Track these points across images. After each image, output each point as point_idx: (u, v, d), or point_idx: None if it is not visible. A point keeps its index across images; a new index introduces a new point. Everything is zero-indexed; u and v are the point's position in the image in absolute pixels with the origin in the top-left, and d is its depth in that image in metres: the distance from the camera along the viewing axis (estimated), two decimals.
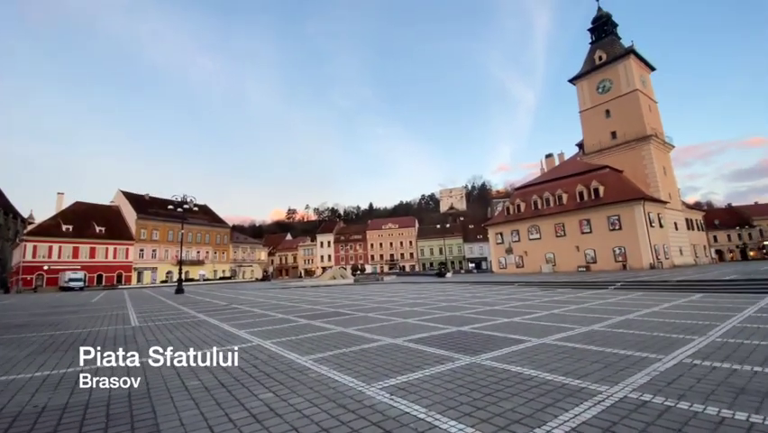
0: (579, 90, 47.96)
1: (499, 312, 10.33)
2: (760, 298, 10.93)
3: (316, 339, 7.11)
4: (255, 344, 6.81)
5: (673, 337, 6.04)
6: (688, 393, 3.46)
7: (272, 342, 6.88)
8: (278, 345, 6.62)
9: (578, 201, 40.24)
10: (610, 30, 47.81)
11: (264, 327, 8.89)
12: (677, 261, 38.15)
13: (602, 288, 17.30)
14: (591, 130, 46.08)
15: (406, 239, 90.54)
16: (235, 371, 4.99)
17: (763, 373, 3.95)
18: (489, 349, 5.65)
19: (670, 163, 44.76)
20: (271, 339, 7.18)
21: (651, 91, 45.75)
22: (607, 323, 7.78)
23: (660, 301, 11.32)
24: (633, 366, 4.47)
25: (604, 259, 36.83)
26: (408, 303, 14.03)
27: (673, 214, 41.14)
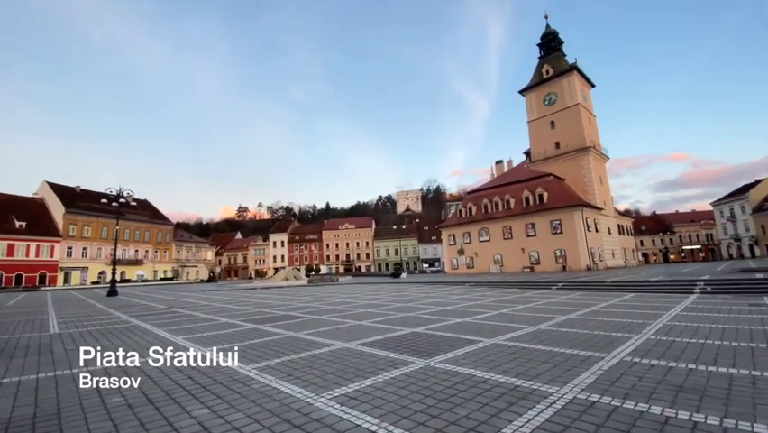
0: (527, 101, 50.77)
1: (452, 312, 10.44)
2: (684, 297, 12.07)
3: (263, 345, 6.65)
4: (193, 352, 6.21)
5: (613, 336, 6.38)
6: (632, 392, 3.57)
7: (213, 349, 6.32)
8: (219, 352, 6.09)
9: (524, 206, 42.46)
10: (557, 46, 51.18)
11: (205, 333, 8.20)
12: (610, 263, 41.56)
13: (546, 288, 18.24)
14: (538, 139, 48.97)
15: (362, 239, 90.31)
16: (167, 383, 4.46)
17: (697, 371, 4.22)
18: (443, 351, 5.59)
19: (605, 173, 48.75)
20: (212, 346, 6.60)
21: (591, 106, 49.56)
22: (552, 322, 8.10)
23: (598, 301, 12.09)
24: (579, 365, 4.59)
25: (547, 260, 39.17)
26: (363, 304, 13.81)
27: (607, 220, 44.79)
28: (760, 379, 3.82)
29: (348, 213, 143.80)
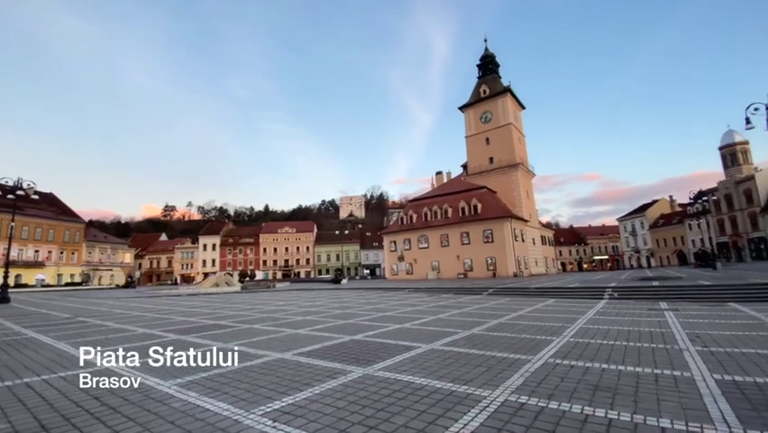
0: (466, 117, 53.76)
1: (391, 318, 10.50)
2: (596, 302, 13.46)
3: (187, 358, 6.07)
4: (101, 367, 5.47)
5: (538, 339, 6.86)
6: (555, 393, 3.83)
7: (126, 364, 5.62)
8: (133, 368, 5.43)
9: (460, 216, 44.66)
10: (494, 69, 55.03)
11: (118, 346, 7.29)
12: (533, 270, 45.23)
13: (478, 293, 19.23)
14: (474, 154, 52.02)
15: (303, 244, 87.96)
16: (66, 406, 3.84)
17: (609, 370, 4.67)
18: (382, 358, 5.56)
19: (532, 188, 53.23)
20: (125, 361, 5.87)
21: (521, 126, 53.92)
22: (485, 326, 8.51)
23: (524, 305, 13.01)
24: (509, 368, 4.84)
25: (479, 267, 41.49)
26: (301, 312, 13.35)
27: (532, 231, 48.80)
28: (661, 376, 4.33)
29: (289, 216, 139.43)
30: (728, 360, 4.91)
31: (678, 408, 3.31)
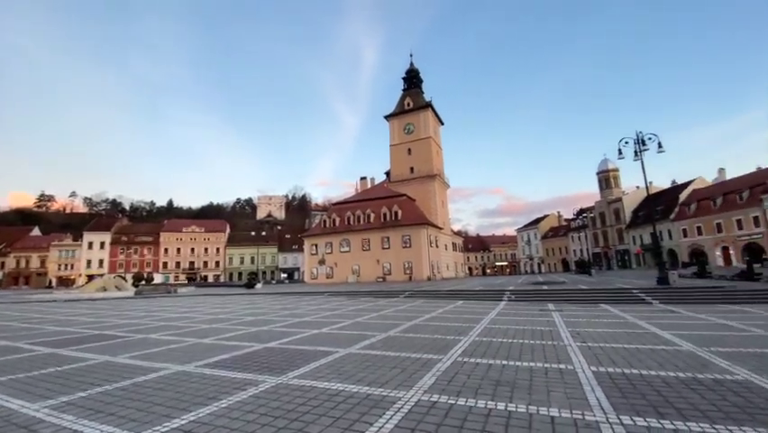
0: (391, 127, 55.48)
1: (309, 324, 10.23)
2: (497, 304, 14.81)
3: (63, 375, 5.13)
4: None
5: (448, 339, 7.29)
6: (463, 390, 4.10)
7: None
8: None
9: (382, 221, 45.77)
10: (417, 83, 57.79)
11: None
12: (445, 274, 48.29)
13: (395, 296, 19.83)
14: (397, 162, 53.88)
15: (213, 245, 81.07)
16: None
17: (509, 366, 5.15)
18: (298, 365, 5.36)
19: (446, 199, 56.92)
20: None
21: (439, 140, 57.42)
22: (400, 328, 8.78)
23: (436, 307, 13.75)
24: (422, 368, 5.05)
25: (397, 271, 42.91)
26: (207, 319, 12.27)
27: (445, 238, 52.14)
28: (550, 370, 4.91)
29: (197, 214, 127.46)
30: (602, 354, 5.79)
31: (564, 398, 3.79)
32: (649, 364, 5.03)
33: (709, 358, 5.29)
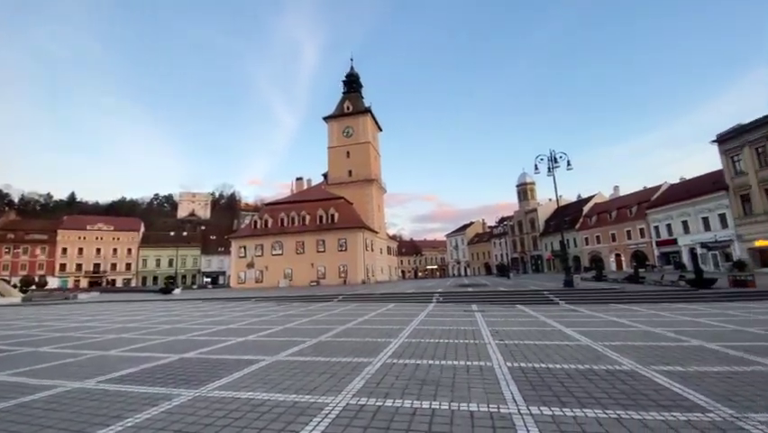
0: (330, 129, 55.00)
1: (234, 331, 9.64)
2: (426, 305, 15.37)
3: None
4: None
5: (379, 342, 7.39)
6: (391, 391, 4.18)
7: None
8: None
9: (318, 223, 45.02)
10: (357, 88, 58.21)
11: None
12: (379, 277, 48.95)
13: (329, 300, 19.58)
14: (335, 165, 53.52)
15: (123, 245, 72.49)
16: None
17: (435, 365, 5.36)
18: (219, 376, 5.02)
19: (383, 203, 57.95)
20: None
21: (378, 145, 58.38)
22: (332, 333, 8.68)
23: (369, 311, 13.86)
24: (352, 372, 5.04)
25: (332, 275, 42.46)
26: (115, 329, 10.94)
27: (381, 241, 52.95)
28: (471, 367, 5.22)
29: (106, 210, 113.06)
30: (516, 350, 6.32)
31: (483, 393, 4.05)
32: (555, 359, 5.61)
33: (603, 351, 6.06)
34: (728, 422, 3.10)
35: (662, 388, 4.09)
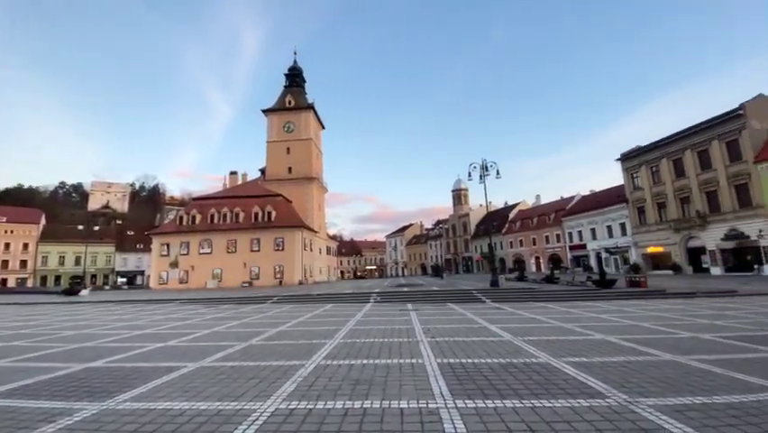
0: (269, 122, 52.84)
1: (152, 336, 8.81)
2: (364, 305, 15.46)
3: None
4: None
5: (314, 343, 7.26)
6: (323, 393, 4.13)
7: None
8: None
9: (253, 221, 42.94)
10: (300, 83, 56.77)
11: None
12: (318, 278, 48.17)
13: (262, 302, 18.78)
14: (274, 160, 51.52)
15: (18, 240, 62.24)
16: None
17: (369, 365, 5.41)
18: (132, 386, 4.55)
19: (323, 202, 57.16)
20: None
21: (320, 143, 57.44)
22: (264, 336, 8.34)
23: (305, 312, 13.56)
24: (283, 376, 4.89)
25: (266, 275, 40.75)
26: (5, 336, 9.38)
27: (320, 241, 52.16)
28: (404, 365, 5.36)
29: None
30: (446, 346, 6.62)
31: (413, 390, 4.18)
32: (480, 354, 5.98)
33: (522, 346, 6.60)
34: (623, 406, 3.56)
35: (571, 378, 4.56)
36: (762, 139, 28.99)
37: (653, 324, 8.79)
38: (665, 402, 3.60)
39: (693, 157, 33.40)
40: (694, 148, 33.28)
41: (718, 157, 31.19)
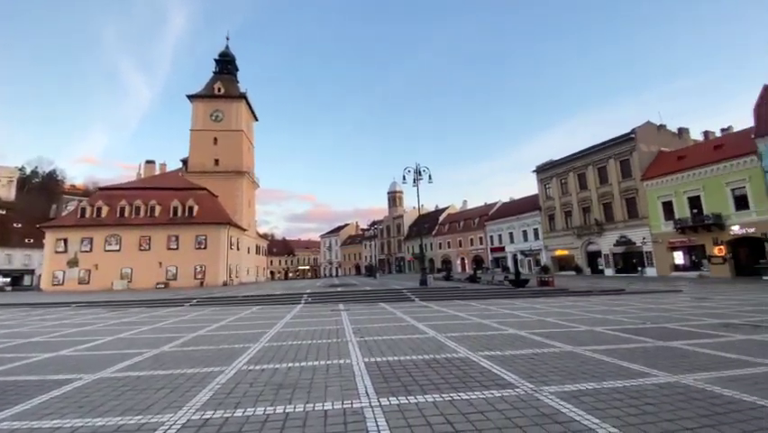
0: (194, 109, 48.80)
1: (39, 345, 7.60)
2: (294, 306, 15.02)
3: None
4: None
5: (236, 348, 6.87)
6: (243, 400, 3.91)
7: None
8: None
9: (171, 216, 39.29)
10: (232, 70, 53.36)
11: None
12: (244, 279, 45.66)
13: (179, 305, 17.28)
14: (199, 151, 47.68)
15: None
16: None
17: (294, 368, 5.26)
18: (12, 403, 3.89)
19: (254, 198, 54.39)
20: None
21: (252, 136, 54.58)
22: (179, 342, 7.67)
23: (228, 315, 12.77)
24: (199, 384, 4.55)
25: (185, 276, 37.54)
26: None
27: (249, 240, 49.56)
28: (331, 366, 5.31)
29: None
30: (375, 346, 6.71)
31: (339, 391, 4.16)
32: (406, 351, 6.18)
33: (444, 342, 6.96)
34: (529, 394, 3.93)
35: (486, 370, 4.92)
36: (648, 160, 34.35)
37: (557, 319, 9.87)
38: (564, 389, 4.05)
39: (594, 172, 38.35)
40: (595, 164, 38.24)
41: (614, 173, 36.27)
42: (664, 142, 35.71)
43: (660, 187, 32.18)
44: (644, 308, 12.05)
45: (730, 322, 8.50)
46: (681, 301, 13.49)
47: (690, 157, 31.40)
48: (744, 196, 26.80)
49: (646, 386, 4.09)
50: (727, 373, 4.47)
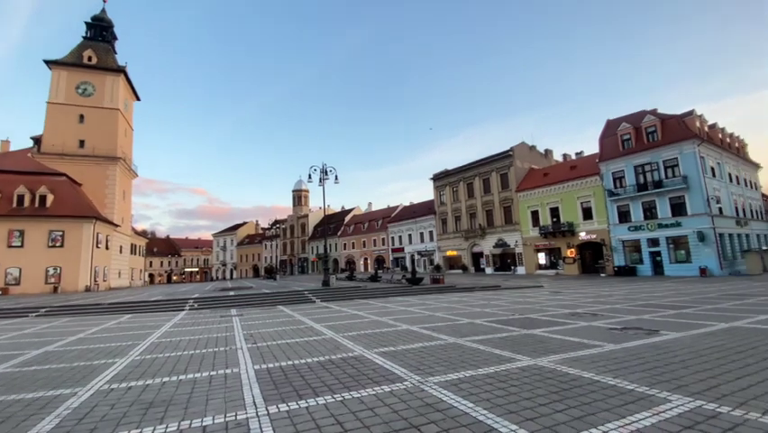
0: (54, 78, 39.98)
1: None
2: (176, 314, 13.41)
3: None
4: None
5: (95, 364, 5.83)
6: (99, 425, 3.33)
7: None
8: None
9: (14, 206, 31.54)
10: (109, 37, 45.33)
11: None
12: (114, 283, 39.07)
13: (22, 315, 13.99)
14: (57, 128, 39.17)
15: None
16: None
17: (170, 382, 4.68)
18: None
19: (130, 189, 46.96)
20: None
21: (131, 117, 47.12)
22: (17, 361, 6.21)
23: (89, 326, 10.80)
24: (41, 411, 3.73)
25: (32, 280, 30.50)
26: None
27: (122, 238, 42.61)
28: (215, 377, 4.87)
29: None
30: (268, 351, 6.39)
31: (222, 403, 3.84)
32: (301, 354, 6.04)
33: (341, 342, 7.01)
34: (416, 387, 4.18)
35: (379, 366, 5.10)
36: (522, 174, 40.24)
37: (445, 313, 10.78)
38: (446, 378, 4.43)
39: (480, 183, 43.38)
40: (481, 176, 43.27)
41: (495, 184, 41.58)
42: (535, 160, 42.41)
43: (529, 198, 37.92)
44: (514, 301, 13.96)
45: (576, 312, 10.38)
46: (541, 295, 15.98)
47: (552, 174, 37.77)
48: (589, 208, 33.34)
49: (512, 370, 4.73)
50: (572, 355, 5.44)
